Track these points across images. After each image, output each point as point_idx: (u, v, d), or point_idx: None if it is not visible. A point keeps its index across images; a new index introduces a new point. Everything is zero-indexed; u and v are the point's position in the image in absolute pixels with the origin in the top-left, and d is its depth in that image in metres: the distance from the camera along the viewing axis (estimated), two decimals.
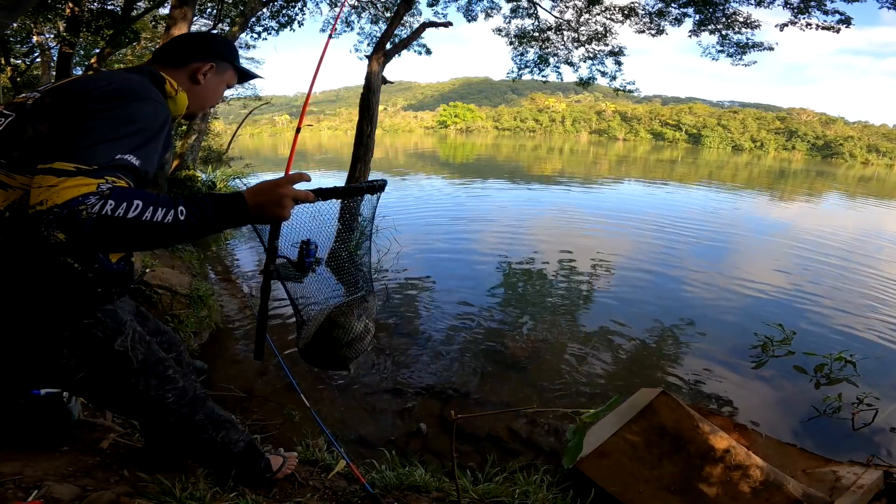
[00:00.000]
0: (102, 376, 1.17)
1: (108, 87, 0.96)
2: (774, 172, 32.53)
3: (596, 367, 3.76)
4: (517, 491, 1.89)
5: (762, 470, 2.04)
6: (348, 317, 1.48)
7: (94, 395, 1.25)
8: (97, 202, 0.81)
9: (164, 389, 1.27)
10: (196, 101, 1.23)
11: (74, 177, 0.82)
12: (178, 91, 1.16)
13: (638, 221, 9.81)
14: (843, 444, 3.01)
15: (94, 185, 0.82)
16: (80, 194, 0.81)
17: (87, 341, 1.11)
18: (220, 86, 1.28)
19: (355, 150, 5.72)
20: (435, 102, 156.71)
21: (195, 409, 1.36)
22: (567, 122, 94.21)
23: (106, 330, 1.13)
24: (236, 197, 0.96)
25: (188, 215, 0.89)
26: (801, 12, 7.77)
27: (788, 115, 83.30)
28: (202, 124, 10.72)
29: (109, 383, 1.19)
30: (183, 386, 1.32)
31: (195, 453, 1.48)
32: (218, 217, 0.93)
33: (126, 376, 1.19)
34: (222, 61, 1.25)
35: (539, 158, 31.18)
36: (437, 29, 6.82)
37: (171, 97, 1.14)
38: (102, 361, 1.14)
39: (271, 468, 1.66)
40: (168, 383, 1.28)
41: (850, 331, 4.73)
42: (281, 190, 1.00)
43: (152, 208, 0.85)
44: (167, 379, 1.28)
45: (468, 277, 5.80)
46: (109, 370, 1.16)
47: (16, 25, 8.99)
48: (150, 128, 0.96)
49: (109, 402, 1.28)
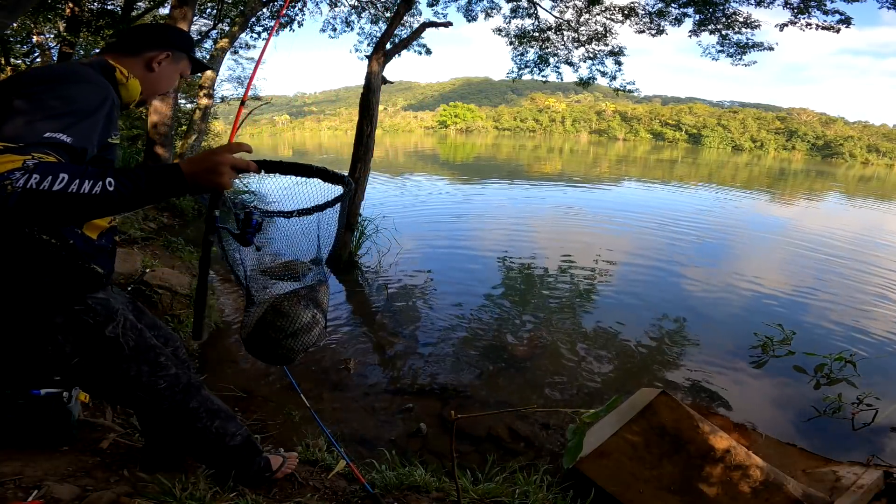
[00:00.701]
0: (95, 362, 1.20)
1: (45, 71, 1.00)
2: (774, 172, 32.53)
3: (596, 367, 3.76)
4: (517, 491, 1.89)
5: (762, 470, 2.04)
6: (294, 305, 1.40)
7: (88, 381, 1.29)
8: (21, 176, 0.82)
9: (157, 376, 1.30)
10: (149, 88, 1.28)
11: (2, 154, 0.84)
12: (129, 78, 1.20)
13: (638, 221, 9.81)
14: (843, 444, 3.01)
15: (20, 161, 0.84)
16: (4, 170, 0.82)
17: (79, 327, 1.15)
18: (174, 74, 1.33)
19: (355, 150, 5.71)
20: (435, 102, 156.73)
21: (189, 396, 1.38)
22: (567, 122, 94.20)
23: (97, 317, 1.18)
24: (172, 167, 0.97)
25: (118, 186, 0.89)
26: (801, 12, 7.76)
27: (788, 115, 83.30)
28: (202, 124, 10.70)
29: (102, 369, 1.22)
30: (176, 373, 1.35)
31: (190, 444, 1.48)
32: (151, 187, 0.93)
33: (118, 362, 1.23)
34: (178, 51, 1.30)
35: (539, 158, 31.18)
36: (437, 29, 6.81)
37: (122, 84, 1.19)
38: (94, 347, 1.19)
39: (271, 467, 1.66)
40: (160, 370, 1.31)
41: (850, 331, 4.73)
42: (217, 157, 1.00)
43: (78, 181, 0.86)
44: (159, 366, 1.31)
45: (468, 277, 5.80)
46: (101, 356, 1.20)
47: (16, 25, 8.99)
48: (86, 108, 0.99)
49: (103, 388, 1.31)
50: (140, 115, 11.96)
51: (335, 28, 11.74)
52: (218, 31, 11.98)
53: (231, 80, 18.13)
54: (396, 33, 7.57)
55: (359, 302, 5.05)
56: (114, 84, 1.16)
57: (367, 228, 6.34)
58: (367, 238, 6.33)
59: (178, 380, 1.35)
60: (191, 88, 13.02)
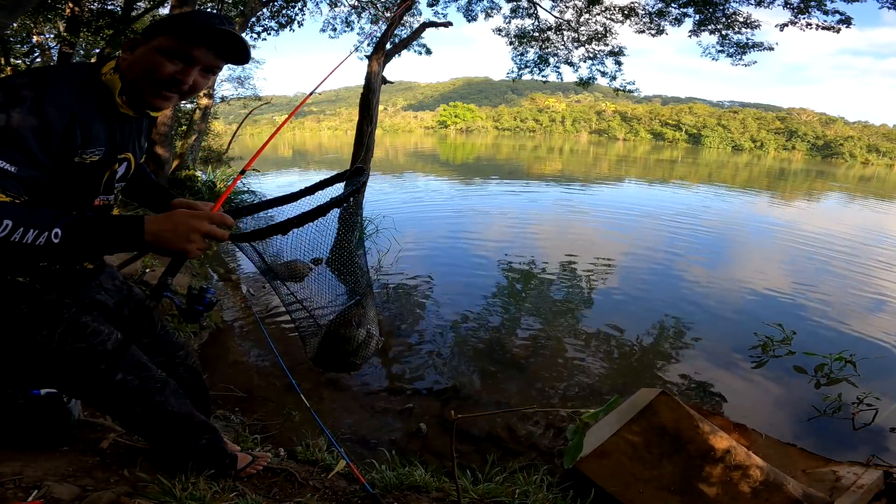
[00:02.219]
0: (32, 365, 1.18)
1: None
2: (774, 172, 32.53)
3: (596, 367, 3.76)
4: (517, 491, 1.89)
5: (762, 470, 2.04)
6: (348, 327, 1.47)
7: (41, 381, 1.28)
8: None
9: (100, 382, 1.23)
10: (130, 79, 1.07)
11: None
12: (106, 74, 1.06)
13: (638, 221, 9.81)
14: (843, 444, 3.01)
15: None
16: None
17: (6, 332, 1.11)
18: (150, 55, 1.06)
19: (355, 150, 5.72)
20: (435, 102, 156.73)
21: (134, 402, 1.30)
22: (567, 122, 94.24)
23: (26, 321, 1.12)
24: (135, 222, 0.91)
25: (64, 238, 0.85)
26: (801, 12, 7.76)
27: (788, 115, 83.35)
28: (202, 124, 10.72)
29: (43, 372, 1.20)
30: (122, 378, 1.26)
31: (148, 440, 1.48)
32: (104, 240, 0.88)
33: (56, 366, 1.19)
34: (156, 33, 1.07)
35: (539, 158, 31.18)
36: (437, 29, 6.81)
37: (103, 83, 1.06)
38: (26, 351, 1.15)
39: (235, 465, 1.62)
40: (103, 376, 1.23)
41: (850, 331, 4.73)
42: (193, 222, 0.93)
43: (22, 230, 0.81)
44: (101, 372, 1.23)
45: (468, 276, 5.80)
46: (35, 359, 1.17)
47: (16, 25, 8.99)
48: (28, 129, 0.88)
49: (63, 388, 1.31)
50: None
51: (335, 28, 11.74)
52: None
53: (231, 80, 18.12)
54: (396, 33, 7.57)
55: None
56: (100, 89, 1.05)
57: (366, 228, 6.35)
58: (367, 238, 6.34)
59: (124, 385, 1.27)
60: None
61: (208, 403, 1.71)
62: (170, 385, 1.37)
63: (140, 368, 1.31)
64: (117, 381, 1.25)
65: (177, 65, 1.06)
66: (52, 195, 1.00)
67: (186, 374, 1.57)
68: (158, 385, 1.34)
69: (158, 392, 1.34)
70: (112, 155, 1.10)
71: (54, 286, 1.16)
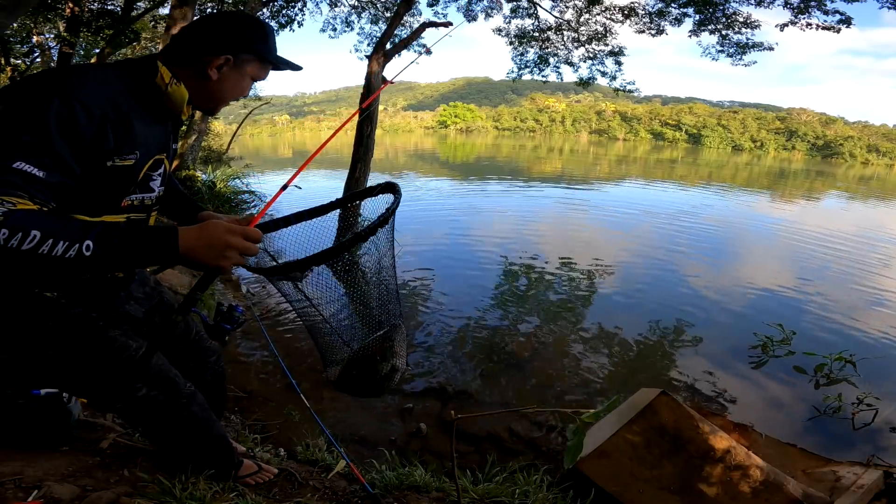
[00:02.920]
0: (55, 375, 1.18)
1: (19, 84, 0.87)
2: (774, 172, 32.53)
3: (596, 367, 3.76)
4: (517, 491, 1.89)
5: (762, 470, 2.04)
6: (373, 359, 1.44)
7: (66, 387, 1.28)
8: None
9: (123, 394, 1.23)
10: (209, 97, 1.11)
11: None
12: (169, 84, 1.04)
13: (638, 221, 9.81)
14: (843, 444, 3.01)
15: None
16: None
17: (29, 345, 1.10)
18: (240, 80, 1.12)
19: (355, 150, 5.72)
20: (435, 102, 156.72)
21: (159, 414, 1.31)
22: (567, 122, 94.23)
23: (51, 336, 1.10)
24: (168, 234, 0.87)
25: (96, 250, 0.80)
26: (801, 12, 7.76)
27: (788, 115, 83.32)
28: (202, 124, 10.71)
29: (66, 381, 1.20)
30: (146, 394, 1.26)
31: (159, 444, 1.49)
32: (138, 253, 0.84)
33: (80, 376, 1.19)
34: (243, 53, 1.08)
35: (539, 158, 31.17)
36: (437, 29, 6.81)
37: (161, 91, 1.04)
38: (52, 364, 1.14)
39: (238, 469, 1.62)
40: (128, 391, 1.23)
41: (850, 331, 4.73)
42: (230, 238, 0.90)
43: (52, 241, 0.77)
44: (127, 386, 1.23)
45: (468, 276, 5.80)
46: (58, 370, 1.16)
47: (16, 25, 8.99)
48: (60, 132, 0.84)
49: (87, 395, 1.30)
50: None
51: (335, 28, 11.74)
52: None
53: None
54: (396, 33, 7.57)
55: None
56: (153, 89, 1.03)
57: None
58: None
59: (149, 400, 1.27)
60: None
61: (224, 406, 1.75)
62: (196, 399, 1.35)
63: (166, 384, 1.29)
64: (141, 396, 1.24)
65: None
66: (80, 196, 0.96)
67: (211, 378, 1.56)
68: (184, 400, 1.32)
69: (184, 407, 1.33)
70: (147, 156, 1.06)
71: (81, 299, 1.11)
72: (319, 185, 13.96)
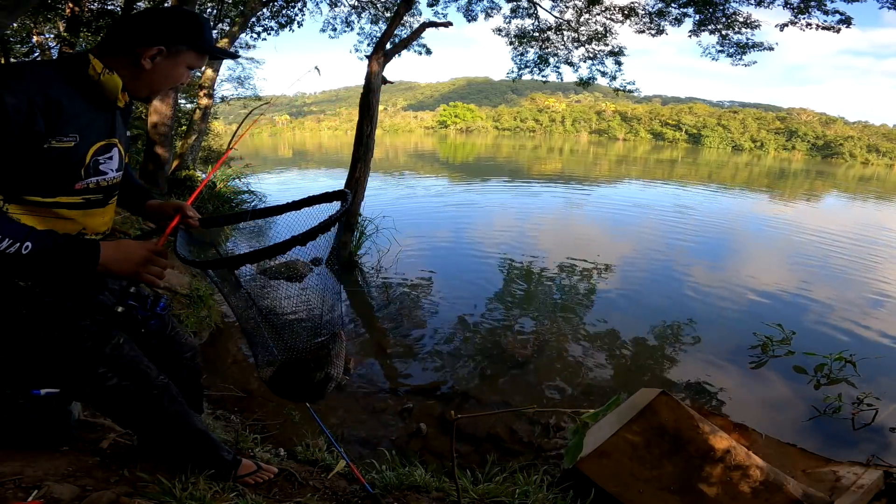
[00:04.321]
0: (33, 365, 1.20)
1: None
2: (774, 172, 32.53)
3: (596, 366, 3.76)
4: (517, 491, 1.89)
5: (762, 470, 2.04)
6: (305, 366, 1.47)
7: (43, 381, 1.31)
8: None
9: (97, 385, 1.25)
10: (145, 85, 1.17)
11: None
12: (101, 74, 1.09)
13: (638, 220, 9.81)
14: (843, 444, 3.01)
15: None
16: None
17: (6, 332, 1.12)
18: (176, 67, 1.19)
19: (355, 150, 5.71)
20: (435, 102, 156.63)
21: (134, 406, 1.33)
22: (567, 122, 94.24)
23: (26, 323, 1.12)
24: (91, 245, 1.00)
25: (33, 250, 0.91)
26: (801, 12, 7.75)
27: (788, 115, 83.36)
28: (202, 124, 10.71)
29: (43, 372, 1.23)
30: (117, 384, 1.27)
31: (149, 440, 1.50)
32: (65, 259, 0.97)
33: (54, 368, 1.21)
34: (176, 44, 1.15)
35: (539, 158, 31.17)
36: (437, 29, 6.81)
37: (94, 80, 1.09)
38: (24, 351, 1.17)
39: (236, 468, 1.62)
40: (100, 380, 1.25)
41: (850, 331, 4.73)
42: (146, 253, 1.08)
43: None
44: (98, 377, 1.25)
45: (468, 276, 5.80)
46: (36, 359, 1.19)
47: (16, 25, 8.98)
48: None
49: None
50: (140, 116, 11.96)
51: (335, 28, 11.74)
52: (218, 31, 11.97)
53: (231, 80, 18.14)
54: (396, 33, 7.57)
55: (359, 302, 5.05)
56: (85, 80, 1.08)
57: (366, 228, 6.34)
58: (367, 238, 6.33)
59: (121, 390, 1.29)
60: (191, 88, 13.02)
61: (201, 401, 1.78)
62: (169, 391, 1.37)
63: (137, 374, 1.31)
64: (112, 385, 1.26)
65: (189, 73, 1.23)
66: (32, 179, 1.03)
67: (187, 374, 1.59)
68: (156, 392, 1.34)
69: (155, 399, 1.34)
70: (89, 140, 1.11)
71: (54, 289, 1.15)
72: (319, 185, 13.96)
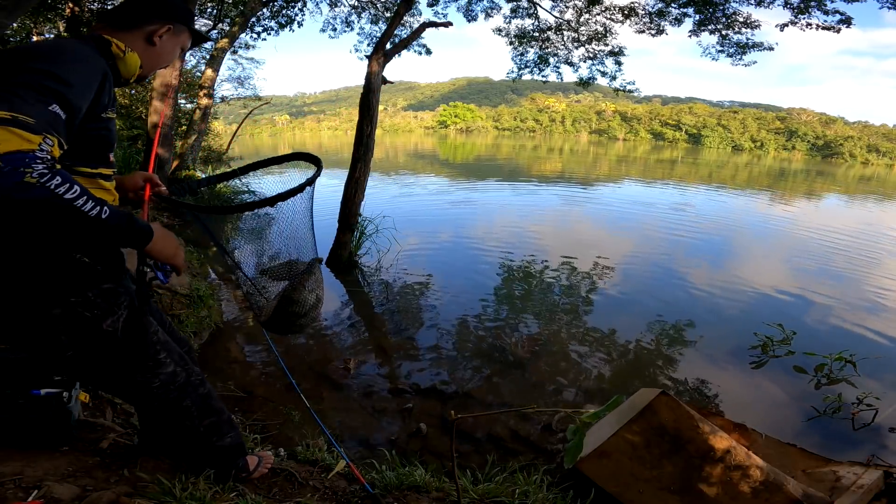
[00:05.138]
0: (91, 356, 1.17)
1: (42, 46, 0.97)
2: (774, 172, 32.52)
3: (596, 367, 3.76)
4: (517, 491, 1.89)
5: (762, 470, 2.04)
6: (300, 292, 1.61)
7: (86, 375, 1.28)
8: (46, 173, 0.82)
9: (152, 374, 1.27)
10: (150, 62, 1.23)
11: (11, 126, 0.81)
12: (125, 52, 1.14)
13: (637, 221, 9.81)
14: (843, 444, 3.01)
15: (36, 144, 0.83)
16: (21, 149, 0.80)
17: (75, 320, 1.11)
18: (175, 47, 1.27)
19: (355, 150, 5.71)
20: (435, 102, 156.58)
21: (183, 394, 1.35)
22: (567, 122, 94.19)
23: (95, 310, 1.13)
24: (148, 229, 1.07)
25: (109, 216, 0.93)
26: (801, 12, 7.76)
27: (788, 115, 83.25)
28: (202, 124, 10.71)
29: (98, 363, 1.19)
30: (173, 371, 1.31)
31: (177, 441, 1.47)
32: (127, 232, 1.00)
33: (113, 357, 1.20)
34: (179, 23, 1.24)
35: (539, 158, 31.17)
36: (437, 29, 6.81)
37: (119, 58, 1.14)
38: (91, 341, 1.15)
39: (248, 468, 1.64)
40: (157, 367, 1.27)
41: (850, 331, 4.73)
42: (178, 242, 1.20)
43: (85, 197, 0.88)
44: (157, 363, 1.27)
45: (468, 276, 5.80)
46: (97, 350, 1.17)
47: (16, 25, 8.98)
48: (78, 82, 0.96)
49: (101, 382, 1.31)
50: (140, 116, 11.97)
51: (335, 28, 11.75)
52: (218, 31, 11.98)
53: (231, 80, 18.16)
54: (396, 33, 7.57)
55: (359, 302, 5.05)
56: (110, 59, 1.12)
57: (366, 228, 6.34)
58: (367, 238, 6.33)
59: (174, 378, 1.32)
60: (191, 88, 13.03)
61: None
62: (205, 380, 1.42)
63: (184, 361, 1.35)
64: (169, 372, 1.30)
65: None
66: (84, 148, 1.07)
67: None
68: (200, 378, 1.39)
69: (201, 385, 1.39)
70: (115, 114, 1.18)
71: (111, 272, 1.18)
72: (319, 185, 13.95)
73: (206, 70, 10.80)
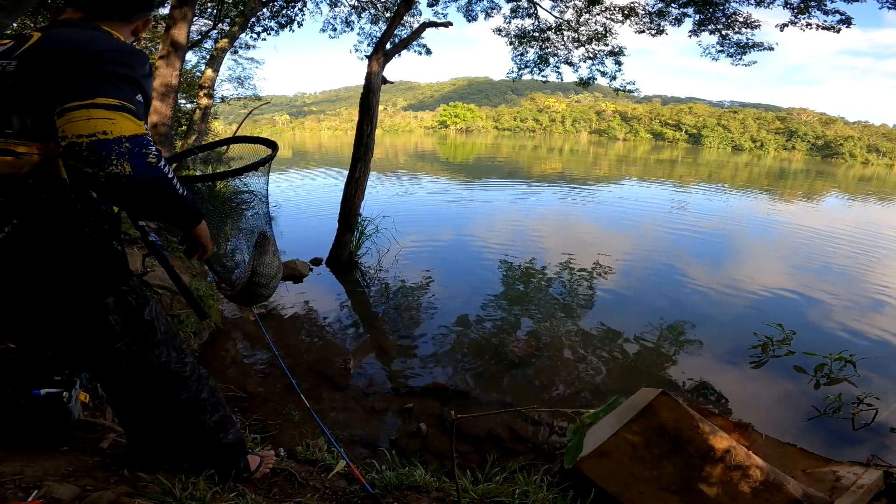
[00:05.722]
0: (134, 345, 1.19)
1: (115, 44, 1.00)
2: (774, 172, 32.51)
3: (596, 367, 3.76)
4: (517, 491, 1.89)
5: (762, 470, 2.04)
6: (266, 255, 1.72)
7: (116, 367, 1.23)
8: (158, 154, 0.90)
9: (183, 362, 1.31)
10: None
11: (121, 112, 0.87)
12: (131, 43, 1.16)
13: (637, 221, 9.81)
14: (843, 444, 3.01)
15: (143, 128, 0.90)
16: (137, 133, 0.87)
17: (126, 308, 1.15)
18: (138, 36, 1.28)
19: (355, 150, 5.71)
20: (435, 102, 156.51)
21: (201, 386, 1.38)
22: (567, 122, 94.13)
23: (138, 298, 1.18)
24: (201, 209, 1.16)
25: (187, 196, 1.03)
26: (801, 12, 7.76)
27: (788, 115, 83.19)
28: (202, 124, 10.72)
29: (136, 353, 1.21)
30: (194, 361, 1.37)
31: (184, 436, 1.42)
32: (194, 211, 1.09)
33: (151, 346, 1.23)
34: (150, 13, 1.24)
35: (539, 158, 31.16)
36: (437, 29, 6.81)
37: None
38: (135, 329, 1.18)
39: (249, 468, 1.63)
40: (185, 356, 1.33)
41: (850, 330, 4.73)
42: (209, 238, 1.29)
43: (174, 177, 0.96)
44: (183, 352, 1.33)
45: (468, 277, 5.80)
46: (138, 339, 1.19)
47: (16, 25, 8.98)
48: (148, 74, 1.02)
49: (129, 376, 1.26)
50: None
51: (335, 28, 11.76)
52: (218, 31, 11.99)
53: (231, 80, 18.16)
54: (396, 33, 7.57)
55: (359, 302, 5.05)
56: None
57: (366, 228, 6.34)
58: (367, 238, 6.33)
59: (196, 368, 1.37)
60: (191, 88, 13.03)
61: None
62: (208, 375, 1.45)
63: (187, 353, 1.37)
64: (192, 362, 1.34)
65: None
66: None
67: None
68: (205, 371, 1.41)
69: (208, 377, 1.42)
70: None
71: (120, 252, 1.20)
72: (319, 184, 13.97)
73: (206, 70, 10.80)
